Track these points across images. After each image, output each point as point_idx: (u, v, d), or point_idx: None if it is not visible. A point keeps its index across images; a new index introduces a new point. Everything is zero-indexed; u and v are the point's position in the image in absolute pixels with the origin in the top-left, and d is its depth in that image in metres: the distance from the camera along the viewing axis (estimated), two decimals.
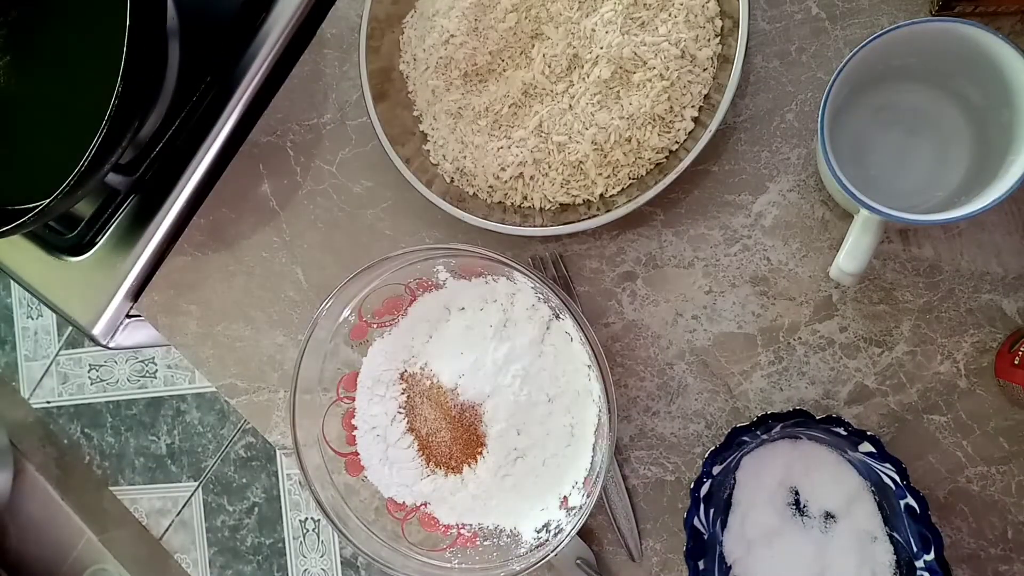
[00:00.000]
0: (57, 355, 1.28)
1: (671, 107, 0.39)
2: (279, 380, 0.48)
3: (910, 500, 0.35)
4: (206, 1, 0.49)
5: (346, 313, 0.41)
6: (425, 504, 0.42)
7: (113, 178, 0.49)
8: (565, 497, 0.39)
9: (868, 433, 0.35)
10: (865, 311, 0.39)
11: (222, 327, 0.49)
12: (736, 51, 0.37)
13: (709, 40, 0.39)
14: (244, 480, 1.17)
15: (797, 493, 0.39)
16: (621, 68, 0.38)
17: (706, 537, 0.37)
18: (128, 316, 0.52)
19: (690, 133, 0.39)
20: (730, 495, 0.39)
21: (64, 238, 0.52)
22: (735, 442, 0.37)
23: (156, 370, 1.22)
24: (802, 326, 0.40)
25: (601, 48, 0.38)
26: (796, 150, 0.40)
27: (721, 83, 0.38)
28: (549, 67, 0.40)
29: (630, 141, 0.39)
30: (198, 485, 1.20)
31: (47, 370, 1.29)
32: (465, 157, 0.42)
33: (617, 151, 0.39)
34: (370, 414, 0.42)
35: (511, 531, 0.40)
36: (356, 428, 0.42)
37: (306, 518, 1.14)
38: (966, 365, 0.38)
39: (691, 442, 0.41)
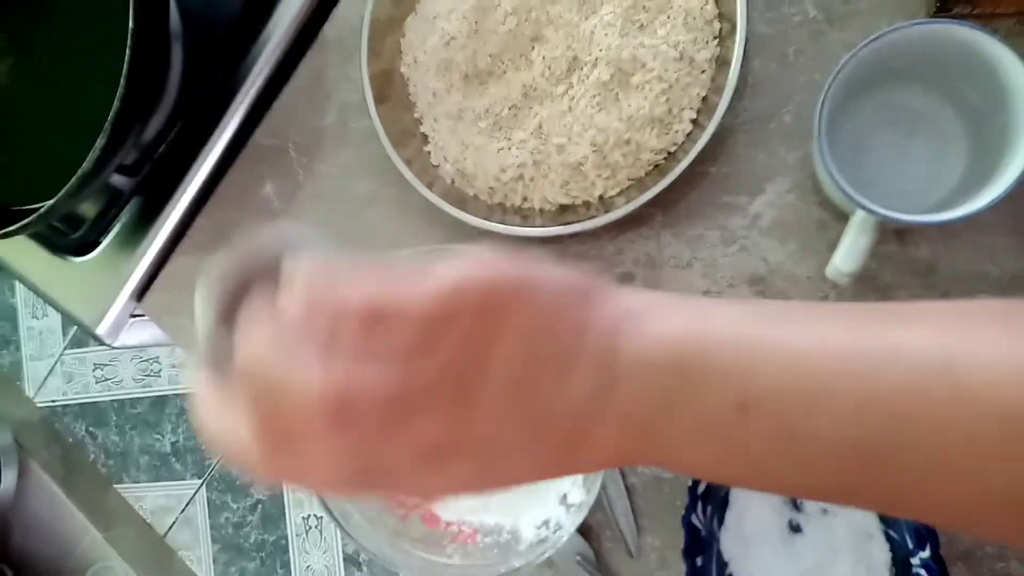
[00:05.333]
0: (62, 354, 1.29)
1: (670, 109, 0.39)
2: None
3: None
4: (209, 4, 0.49)
5: None
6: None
7: (117, 179, 0.49)
8: (565, 494, 0.40)
9: None
10: None
11: None
12: (734, 53, 0.37)
13: (707, 42, 0.39)
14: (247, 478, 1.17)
15: None
16: (620, 70, 0.39)
17: (703, 534, 0.38)
18: (132, 316, 0.52)
19: (688, 135, 0.39)
20: (728, 493, 0.39)
21: (68, 238, 0.52)
22: None
23: (160, 369, 1.22)
24: None
25: (600, 50, 0.39)
26: (794, 152, 0.40)
27: (719, 85, 0.38)
28: (549, 69, 0.40)
29: (629, 143, 0.39)
30: (202, 483, 1.20)
31: (52, 369, 1.29)
32: (466, 159, 0.42)
33: (616, 153, 0.40)
34: None
35: (511, 528, 0.41)
36: None
37: (309, 515, 1.15)
38: None
39: None
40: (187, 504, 1.21)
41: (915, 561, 0.35)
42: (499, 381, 0.18)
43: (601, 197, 0.41)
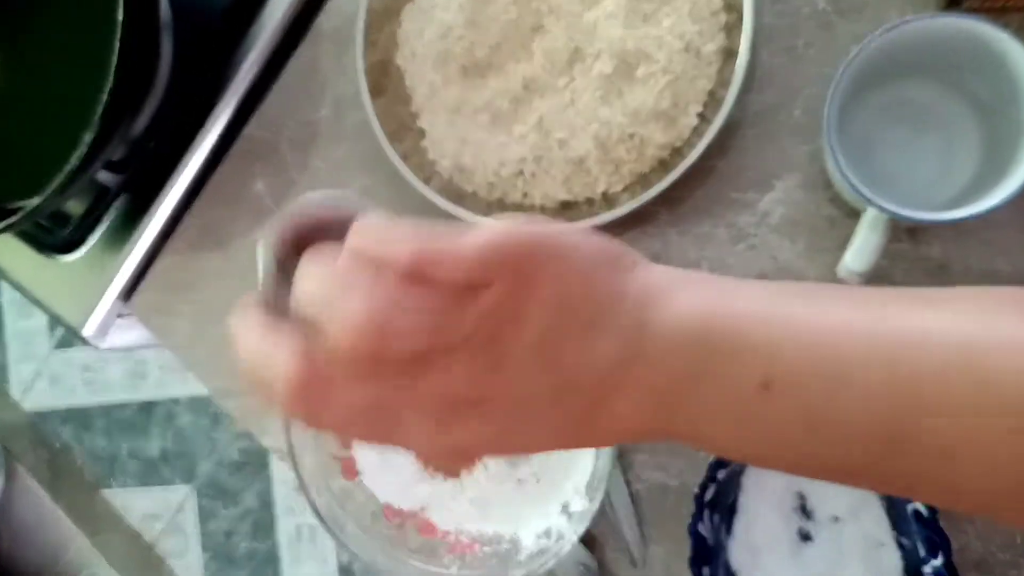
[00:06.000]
0: (48, 357, 1.27)
1: (675, 103, 0.38)
2: None
3: (918, 505, 0.35)
4: None
5: None
6: (423, 509, 0.41)
7: (104, 175, 0.48)
8: (566, 503, 0.39)
9: None
10: None
11: (215, 328, 0.48)
12: (742, 45, 0.37)
13: (714, 34, 0.38)
14: (238, 484, 1.16)
15: (803, 498, 0.38)
16: (624, 62, 0.38)
17: (711, 543, 0.37)
18: (120, 316, 0.51)
19: (694, 129, 0.39)
20: (735, 500, 0.38)
21: (54, 237, 0.51)
22: None
23: (148, 372, 1.21)
24: None
25: (603, 42, 0.38)
26: (803, 147, 0.39)
27: (726, 78, 0.37)
28: (550, 61, 0.39)
29: (633, 137, 0.39)
30: (191, 489, 1.19)
31: (38, 372, 1.28)
32: (464, 154, 0.41)
33: (620, 148, 0.39)
34: None
35: (511, 537, 0.40)
36: None
37: (302, 523, 1.13)
38: None
39: None
40: (176, 511, 1.19)
41: (927, 569, 0.35)
42: (528, 341, 0.19)
43: (604, 193, 0.40)
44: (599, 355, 0.19)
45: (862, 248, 0.34)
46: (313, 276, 0.20)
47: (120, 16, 0.38)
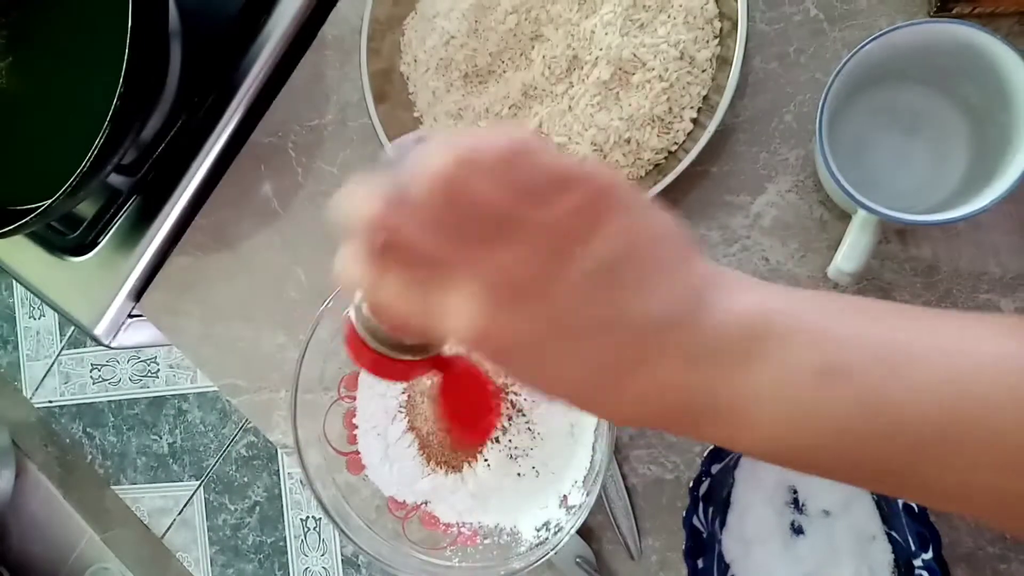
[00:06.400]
0: (59, 355, 1.28)
1: (670, 108, 0.39)
2: (280, 380, 0.48)
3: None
4: (208, 2, 0.49)
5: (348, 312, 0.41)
6: (425, 503, 0.42)
7: (115, 179, 0.49)
8: (565, 496, 0.39)
9: None
10: None
11: (223, 327, 0.49)
12: (735, 52, 0.37)
13: (708, 41, 0.39)
14: (245, 479, 1.17)
15: (795, 492, 0.39)
16: (620, 69, 0.39)
17: (705, 536, 0.38)
18: (130, 316, 0.52)
19: (689, 134, 0.39)
20: (729, 494, 0.39)
21: (66, 238, 0.52)
22: None
23: (158, 370, 1.22)
24: None
25: (600, 50, 0.39)
26: (795, 151, 0.40)
27: (720, 84, 0.38)
28: (549, 68, 0.40)
29: (629, 142, 0.39)
30: (200, 484, 1.20)
31: (49, 370, 1.29)
32: None
33: (616, 152, 0.39)
34: (371, 413, 0.43)
35: (511, 529, 0.41)
36: (357, 427, 0.43)
37: (307, 517, 1.14)
38: None
39: (690, 441, 0.41)
40: (184, 505, 1.21)
41: (917, 563, 0.35)
42: (590, 262, 0.19)
43: None
44: (650, 308, 0.20)
45: (852, 249, 0.34)
46: (421, 155, 0.20)
47: (130, 23, 0.39)
